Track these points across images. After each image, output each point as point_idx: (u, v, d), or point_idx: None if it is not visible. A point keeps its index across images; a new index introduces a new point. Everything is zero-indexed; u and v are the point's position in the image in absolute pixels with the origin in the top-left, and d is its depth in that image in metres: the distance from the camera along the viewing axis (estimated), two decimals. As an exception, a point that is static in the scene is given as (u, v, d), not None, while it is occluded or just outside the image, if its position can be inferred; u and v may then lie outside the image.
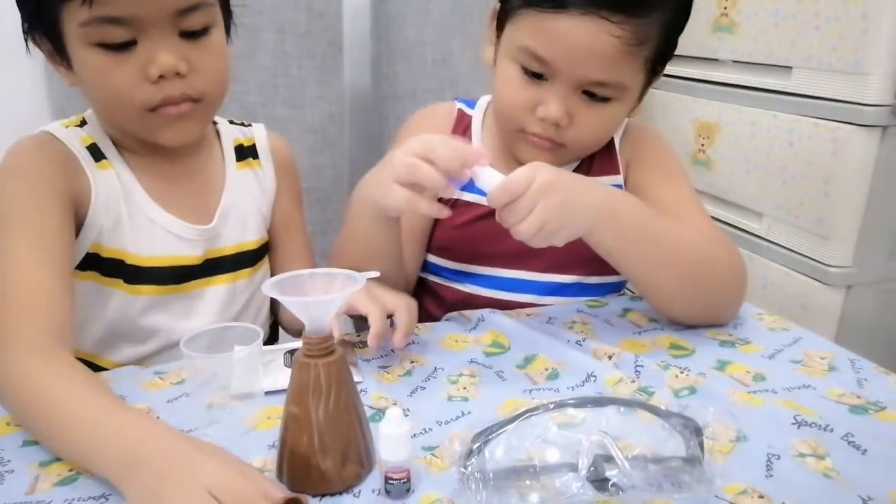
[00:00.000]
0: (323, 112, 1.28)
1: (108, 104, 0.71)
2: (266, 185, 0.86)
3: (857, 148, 1.09)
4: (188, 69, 0.68)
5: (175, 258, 0.77)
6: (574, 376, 0.69)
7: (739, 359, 0.73)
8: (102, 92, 0.69)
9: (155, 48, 0.66)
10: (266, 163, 0.86)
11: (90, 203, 0.72)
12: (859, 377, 0.69)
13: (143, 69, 0.67)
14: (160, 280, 0.76)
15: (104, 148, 0.75)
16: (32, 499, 0.51)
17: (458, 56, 1.33)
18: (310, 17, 1.23)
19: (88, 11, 0.63)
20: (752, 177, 1.28)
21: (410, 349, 0.74)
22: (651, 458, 0.52)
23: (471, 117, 0.91)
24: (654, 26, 0.73)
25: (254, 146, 0.86)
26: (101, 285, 0.75)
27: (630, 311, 0.84)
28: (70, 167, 0.72)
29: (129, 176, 0.75)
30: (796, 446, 0.58)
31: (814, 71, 1.15)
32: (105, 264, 0.74)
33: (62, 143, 0.73)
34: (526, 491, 0.50)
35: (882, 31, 1.04)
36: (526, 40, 0.74)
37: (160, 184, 0.77)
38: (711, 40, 1.35)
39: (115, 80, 0.67)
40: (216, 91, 0.73)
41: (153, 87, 0.68)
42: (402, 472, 0.51)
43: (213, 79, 0.72)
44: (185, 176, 0.79)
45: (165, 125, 0.71)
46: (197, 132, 0.75)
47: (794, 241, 1.21)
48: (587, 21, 0.70)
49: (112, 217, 0.74)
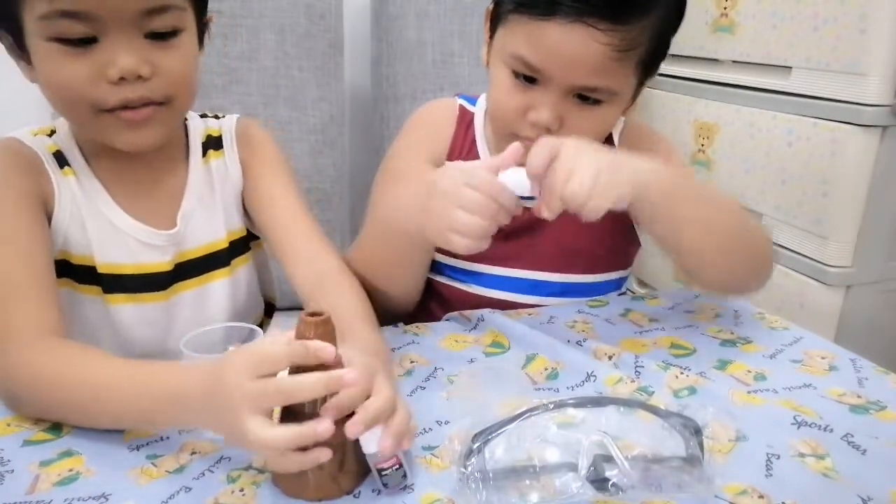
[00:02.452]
0: (324, 113, 1.28)
1: (59, 100, 0.68)
2: (231, 173, 0.81)
3: (856, 148, 1.09)
4: (151, 72, 0.66)
5: (143, 265, 0.75)
6: (574, 376, 0.69)
7: (740, 358, 0.73)
8: (54, 85, 0.66)
9: (116, 48, 0.64)
10: (229, 150, 0.82)
11: (55, 208, 0.71)
12: (860, 376, 0.69)
13: (101, 68, 0.64)
14: (135, 288, 0.75)
15: (69, 155, 0.73)
16: (32, 498, 0.51)
17: (458, 57, 1.33)
18: (310, 19, 1.23)
19: (48, 5, 0.61)
20: (751, 177, 1.28)
21: (410, 349, 0.74)
22: (651, 457, 0.52)
23: (472, 114, 0.91)
24: (643, 31, 0.72)
25: (220, 137, 0.82)
26: (76, 292, 0.75)
27: (631, 311, 0.85)
28: (36, 170, 0.71)
29: (94, 183, 0.74)
30: (796, 446, 0.58)
31: (813, 71, 1.15)
32: (76, 271, 0.74)
33: (28, 148, 0.72)
34: (526, 491, 0.50)
35: (880, 31, 1.04)
36: (516, 47, 0.74)
37: (125, 189, 0.75)
38: (711, 40, 1.35)
39: (69, 75, 0.64)
40: (181, 94, 0.70)
41: (110, 87, 0.65)
42: (391, 460, 0.51)
43: (178, 82, 0.69)
44: (150, 180, 0.77)
45: (122, 128, 0.68)
46: (159, 137, 0.71)
47: (793, 240, 1.21)
48: (575, 29, 0.70)
49: (76, 224, 0.73)
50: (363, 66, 1.40)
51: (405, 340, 0.77)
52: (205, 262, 0.79)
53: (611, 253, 0.90)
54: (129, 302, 0.76)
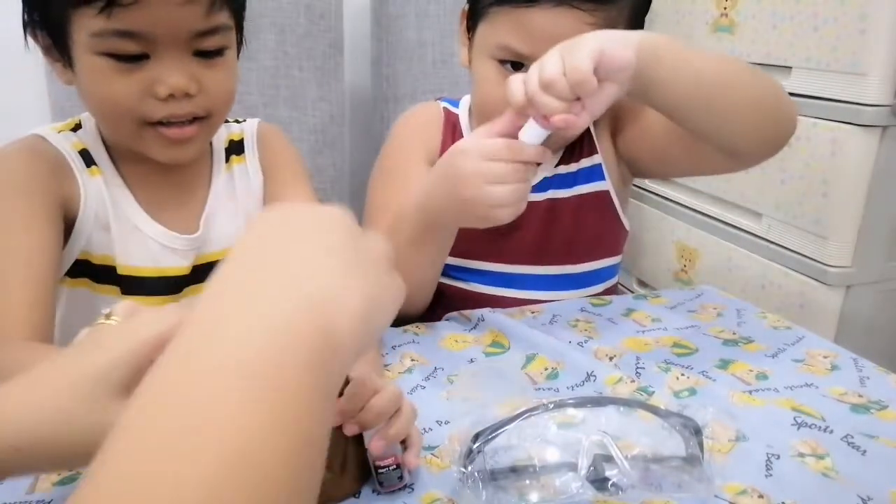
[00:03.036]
0: (324, 113, 1.28)
1: (104, 112, 0.69)
2: (252, 178, 0.82)
3: (855, 148, 1.09)
4: (198, 90, 0.67)
5: (164, 269, 0.75)
6: (574, 376, 0.69)
7: (742, 357, 0.73)
8: (100, 99, 0.67)
9: (167, 67, 0.64)
10: (250, 155, 0.83)
11: (79, 209, 0.71)
12: (862, 375, 0.69)
13: (150, 85, 0.65)
14: (153, 291, 0.75)
15: (95, 154, 0.73)
16: (32, 498, 0.51)
17: (458, 57, 1.33)
18: (310, 19, 1.23)
19: (105, 22, 0.61)
20: (750, 177, 1.28)
21: (410, 348, 0.74)
22: (651, 457, 0.52)
23: (457, 115, 0.92)
24: (622, 10, 0.76)
25: (241, 142, 0.84)
26: (93, 292, 0.74)
27: (633, 310, 0.85)
28: (60, 172, 0.70)
29: (119, 184, 0.74)
30: (796, 446, 0.58)
31: (813, 71, 1.15)
32: (96, 271, 0.74)
33: (53, 147, 0.71)
34: (526, 491, 0.50)
35: (880, 31, 1.04)
36: (502, 37, 0.75)
37: (150, 193, 0.75)
38: (711, 40, 1.35)
39: (118, 90, 0.65)
40: (222, 110, 0.72)
41: (157, 103, 0.66)
42: (388, 459, 0.51)
43: (221, 99, 0.70)
44: (176, 184, 0.77)
45: (165, 144, 0.69)
46: (195, 153, 0.73)
47: (792, 240, 1.21)
48: (560, 12, 0.72)
49: (100, 224, 0.72)
50: (363, 66, 1.40)
51: (405, 340, 0.77)
52: None
53: (598, 240, 0.91)
54: (145, 304, 0.75)
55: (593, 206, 0.89)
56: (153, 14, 0.62)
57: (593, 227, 0.89)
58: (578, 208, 0.89)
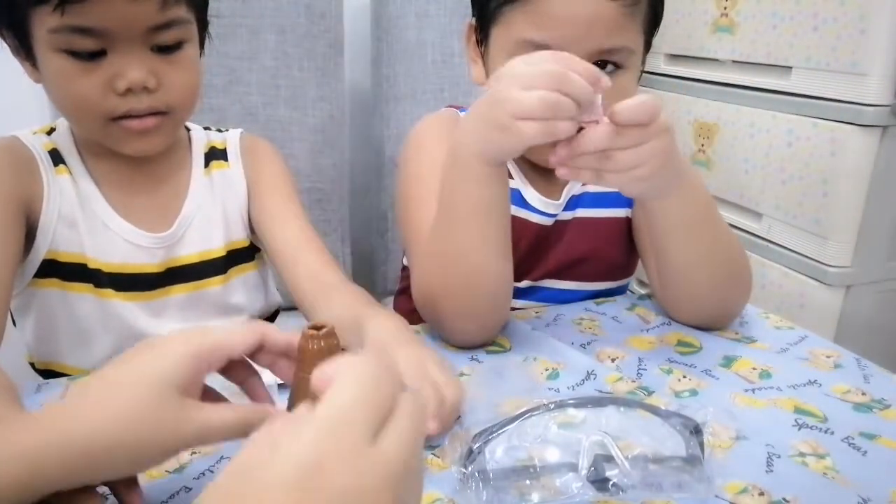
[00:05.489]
0: (324, 113, 1.28)
1: (70, 110, 0.70)
2: (236, 185, 0.83)
3: (855, 148, 1.09)
4: (157, 84, 0.68)
5: (132, 266, 0.76)
6: (574, 376, 0.69)
7: (746, 354, 0.73)
8: (65, 97, 0.68)
9: (124, 62, 0.66)
10: (235, 162, 0.84)
11: (42, 209, 0.72)
12: (865, 373, 0.70)
13: (109, 81, 0.66)
14: (124, 286, 0.76)
15: (65, 153, 0.75)
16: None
17: (458, 57, 1.33)
18: (310, 19, 1.23)
19: (59, 19, 0.62)
20: (751, 177, 1.28)
21: (411, 349, 0.74)
22: (651, 457, 0.52)
23: None
24: None
25: (225, 150, 0.84)
26: (65, 291, 0.75)
27: (637, 306, 0.85)
28: (26, 171, 0.72)
29: (88, 182, 0.75)
30: (796, 446, 0.58)
31: (813, 71, 1.15)
32: (64, 269, 0.74)
33: (25, 147, 0.73)
34: (526, 491, 0.50)
35: (880, 31, 1.04)
36: (520, 33, 0.73)
37: (121, 191, 0.76)
38: (711, 40, 1.35)
39: (80, 88, 0.66)
40: (185, 104, 0.72)
41: (119, 98, 0.67)
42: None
43: (182, 93, 0.71)
44: (149, 183, 0.78)
45: (130, 136, 0.70)
46: (161, 144, 0.73)
47: (793, 240, 1.21)
48: None
49: (65, 221, 0.73)
50: (363, 66, 1.40)
51: (405, 340, 0.76)
52: (199, 269, 0.80)
53: (615, 262, 0.91)
54: (121, 299, 0.76)
55: (617, 229, 0.89)
56: (107, 10, 0.63)
57: (614, 250, 0.89)
58: (601, 230, 0.88)
